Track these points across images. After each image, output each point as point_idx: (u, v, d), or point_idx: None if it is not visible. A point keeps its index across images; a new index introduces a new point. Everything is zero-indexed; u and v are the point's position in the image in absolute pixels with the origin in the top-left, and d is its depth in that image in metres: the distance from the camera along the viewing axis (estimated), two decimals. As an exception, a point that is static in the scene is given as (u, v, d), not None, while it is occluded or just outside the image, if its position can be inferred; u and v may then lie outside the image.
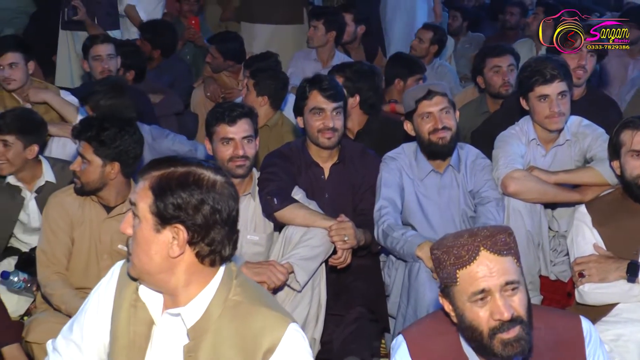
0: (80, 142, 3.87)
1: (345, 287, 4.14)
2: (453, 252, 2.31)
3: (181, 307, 2.27)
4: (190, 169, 2.23)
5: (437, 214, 4.20)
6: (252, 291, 2.37)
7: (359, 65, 5.33)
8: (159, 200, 2.19)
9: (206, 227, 2.21)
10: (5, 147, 4.48)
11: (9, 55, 5.52)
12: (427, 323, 2.66)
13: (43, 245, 4.01)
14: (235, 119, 3.98)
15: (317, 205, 4.11)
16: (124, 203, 3.96)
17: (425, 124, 4.09)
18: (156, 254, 2.22)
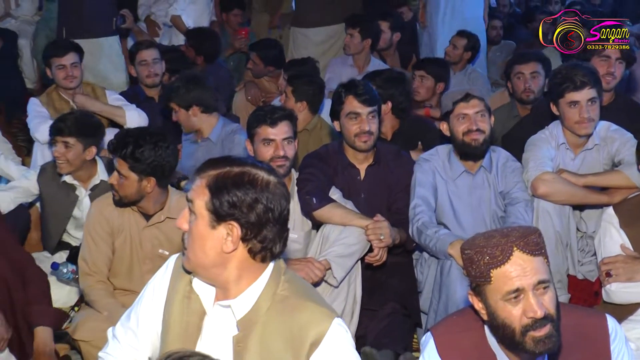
0: (116, 158, 3.88)
1: (379, 283, 4.13)
2: (487, 251, 2.29)
3: (231, 299, 2.28)
4: (245, 169, 2.24)
5: (468, 213, 4.18)
6: (299, 287, 2.38)
7: (389, 72, 5.33)
8: (215, 198, 2.21)
9: (259, 225, 2.22)
10: (66, 148, 4.53)
11: (71, 55, 5.58)
12: (454, 320, 2.65)
13: (84, 253, 4.03)
14: (276, 121, 3.98)
15: (354, 205, 4.10)
16: (162, 210, 3.99)
17: (461, 125, 4.08)
18: (211, 249, 2.24)
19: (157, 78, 5.97)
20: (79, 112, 4.75)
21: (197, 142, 5.13)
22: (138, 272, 4.01)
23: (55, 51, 5.62)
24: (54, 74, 5.61)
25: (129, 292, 4.01)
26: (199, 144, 5.11)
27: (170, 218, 3.94)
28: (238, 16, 8.48)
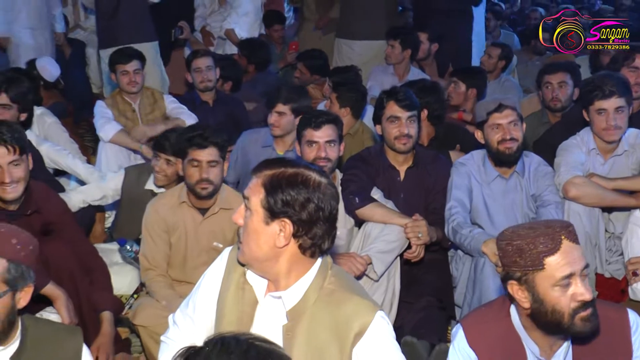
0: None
1: (417, 278, 4.13)
2: (540, 240, 2.29)
3: (282, 291, 2.30)
4: (299, 170, 2.27)
5: (501, 215, 4.15)
6: (345, 281, 2.39)
7: (423, 82, 5.34)
8: (270, 196, 2.23)
9: (310, 222, 2.24)
10: (167, 165, 4.58)
11: (134, 62, 5.65)
12: (482, 311, 2.67)
13: (145, 250, 4.08)
14: (320, 125, 4.00)
15: (393, 204, 4.11)
16: (215, 203, 4.02)
17: (495, 134, 4.06)
18: (264, 244, 2.26)
19: (210, 84, 5.99)
20: (179, 130, 4.69)
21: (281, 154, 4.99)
22: (192, 264, 4.05)
23: (120, 58, 5.71)
24: (118, 79, 5.70)
25: (183, 282, 4.05)
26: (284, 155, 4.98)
27: (224, 209, 3.99)
28: (279, 31, 8.52)
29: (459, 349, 2.51)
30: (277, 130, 4.88)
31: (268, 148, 4.99)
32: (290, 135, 4.92)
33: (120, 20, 6.69)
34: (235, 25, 8.07)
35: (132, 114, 5.73)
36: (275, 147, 4.99)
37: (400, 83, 6.03)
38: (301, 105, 4.91)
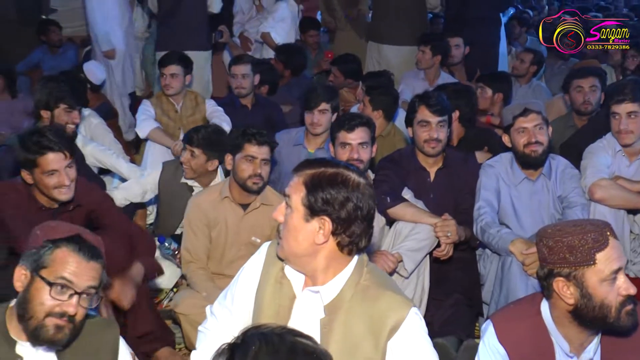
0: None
1: (445, 275, 4.13)
2: (590, 236, 2.30)
3: (320, 286, 2.32)
4: (339, 170, 2.28)
5: (528, 215, 4.13)
6: (380, 277, 2.40)
7: (457, 85, 5.37)
8: (310, 194, 2.24)
9: (348, 221, 2.25)
10: (191, 156, 4.64)
11: (172, 67, 5.74)
12: (512, 309, 2.66)
13: (186, 244, 4.12)
14: (353, 127, 4.01)
15: (424, 204, 4.10)
16: (255, 201, 4.06)
17: (521, 137, 4.05)
18: (304, 240, 2.27)
19: (243, 91, 6.00)
20: (212, 126, 4.81)
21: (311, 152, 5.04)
22: (229, 258, 4.10)
23: (161, 61, 5.86)
24: (159, 81, 5.79)
25: (220, 275, 4.09)
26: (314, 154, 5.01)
27: (265, 205, 4.04)
28: (314, 37, 8.52)
29: (489, 344, 2.51)
30: (320, 128, 4.92)
31: (299, 146, 5.04)
32: (324, 133, 4.97)
33: (177, 26, 6.82)
34: (271, 29, 8.10)
35: (174, 114, 5.81)
36: (307, 146, 5.02)
37: (431, 88, 6.03)
38: (337, 104, 5.00)
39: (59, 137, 3.61)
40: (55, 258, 2.30)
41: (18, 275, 2.33)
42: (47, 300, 2.28)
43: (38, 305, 2.28)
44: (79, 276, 2.29)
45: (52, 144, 3.55)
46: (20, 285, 2.32)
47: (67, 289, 2.28)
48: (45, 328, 2.28)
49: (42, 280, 2.29)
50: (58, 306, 2.28)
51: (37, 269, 2.30)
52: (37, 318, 2.28)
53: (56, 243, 2.32)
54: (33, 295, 2.30)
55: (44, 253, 2.31)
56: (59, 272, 2.29)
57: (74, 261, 2.30)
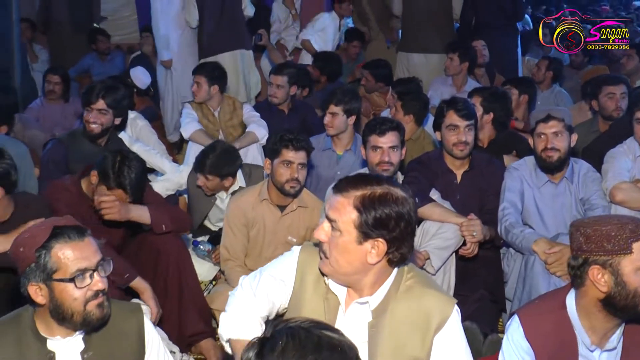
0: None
1: (471, 273, 4.11)
2: (628, 227, 2.31)
3: (367, 297, 2.28)
4: (388, 189, 2.18)
5: (551, 217, 4.10)
6: (420, 277, 2.37)
7: (494, 89, 5.35)
8: (364, 217, 2.14)
9: (401, 239, 2.19)
10: (207, 180, 4.72)
11: (197, 76, 5.86)
12: (537, 304, 2.64)
13: (225, 242, 4.15)
14: (384, 131, 4.02)
15: (450, 205, 4.09)
16: (293, 201, 4.09)
17: (540, 142, 4.03)
18: (355, 261, 2.20)
19: (276, 100, 6.02)
20: (219, 148, 4.81)
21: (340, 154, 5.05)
22: (267, 256, 4.05)
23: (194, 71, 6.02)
24: None
25: (257, 272, 4.12)
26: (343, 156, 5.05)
27: (301, 207, 4.08)
28: (357, 47, 8.51)
29: (514, 340, 2.50)
30: (331, 130, 4.93)
31: (328, 150, 5.05)
32: (345, 135, 4.98)
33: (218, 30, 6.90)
34: (310, 37, 8.13)
35: (212, 118, 5.88)
36: (335, 149, 5.03)
37: (458, 93, 6.03)
38: (352, 107, 4.94)
39: (136, 181, 3.68)
40: (57, 258, 2.25)
41: (34, 293, 2.26)
42: (77, 293, 2.25)
43: (73, 302, 2.26)
44: (86, 257, 2.27)
45: (125, 185, 3.66)
46: (42, 299, 2.27)
47: (86, 273, 2.26)
48: (91, 313, 2.28)
49: (61, 281, 2.25)
50: (89, 290, 2.27)
51: (48, 277, 2.25)
52: (79, 312, 2.27)
53: (46, 247, 2.25)
54: (62, 298, 2.26)
55: (45, 261, 2.24)
56: (69, 266, 2.25)
57: (72, 249, 2.26)
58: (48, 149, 4.87)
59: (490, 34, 7.53)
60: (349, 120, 4.93)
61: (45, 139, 5.78)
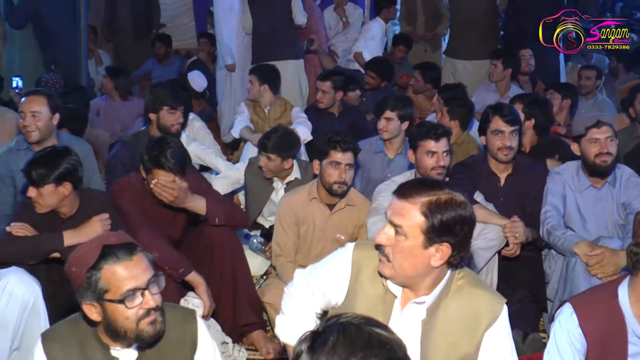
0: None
1: (513, 273, 4.07)
2: None
3: (424, 296, 2.27)
4: (450, 193, 2.17)
5: (592, 220, 4.03)
6: (471, 276, 2.36)
7: (535, 96, 5.27)
8: (430, 222, 2.13)
9: (464, 242, 2.19)
10: (268, 160, 4.72)
11: (250, 77, 6.06)
12: (589, 294, 2.65)
13: (277, 238, 4.16)
14: (439, 137, 3.98)
15: (494, 207, 4.05)
16: (341, 202, 4.08)
17: (592, 148, 3.94)
18: (419, 265, 2.19)
19: (322, 105, 6.08)
20: (281, 130, 4.86)
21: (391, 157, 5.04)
22: (316, 253, 4.11)
23: (250, 71, 6.21)
24: None
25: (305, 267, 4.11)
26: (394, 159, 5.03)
27: (349, 205, 4.08)
28: (402, 51, 8.51)
29: (566, 327, 2.47)
30: (386, 134, 4.92)
31: (380, 154, 5.03)
32: (397, 139, 4.97)
33: (269, 39, 7.00)
34: (363, 49, 8.14)
35: (263, 115, 6.01)
36: (386, 152, 5.02)
37: (501, 99, 5.97)
38: (406, 113, 4.93)
39: (175, 159, 3.69)
40: (108, 279, 2.17)
41: (89, 311, 2.22)
42: (128, 313, 2.18)
43: (125, 321, 2.19)
44: (135, 276, 2.18)
45: (166, 164, 3.68)
46: (96, 316, 2.21)
47: (136, 292, 2.18)
48: (144, 331, 2.21)
49: (112, 302, 2.17)
50: (140, 309, 2.19)
51: (100, 297, 2.18)
52: (132, 330, 2.20)
53: (96, 267, 2.17)
54: (115, 317, 2.19)
55: (96, 282, 2.17)
56: (120, 287, 2.17)
57: (122, 269, 2.17)
58: (115, 151, 4.95)
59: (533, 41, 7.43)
60: (402, 126, 4.92)
61: (108, 138, 5.90)
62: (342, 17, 8.54)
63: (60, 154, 3.53)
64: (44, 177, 3.43)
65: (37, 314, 2.90)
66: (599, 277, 3.56)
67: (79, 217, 3.56)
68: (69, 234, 3.42)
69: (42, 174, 3.43)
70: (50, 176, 3.43)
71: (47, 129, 4.26)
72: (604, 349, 2.46)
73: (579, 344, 2.46)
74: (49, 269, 3.43)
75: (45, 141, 4.23)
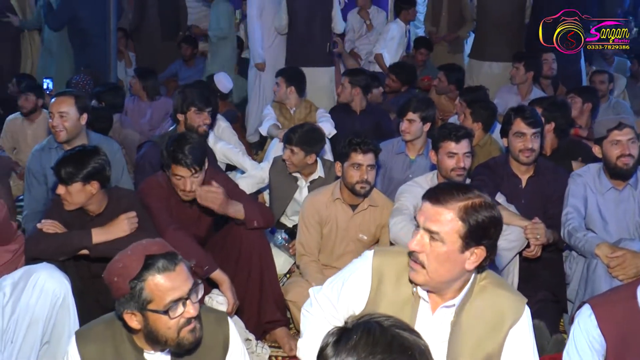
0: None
1: (534, 274, 4.02)
2: None
3: (452, 300, 2.26)
4: (480, 195, 2.16)
5: (614, 222, 3.96)
6: (493, 277, 2.34)
7: (554, 99, 5.20)
8: (468, 227, 2.11)
9: (495, 244, 2.19)
10: (291, 154, 4.69)
11: (277, 79, 6.07)
12: (608, 294, 2.60)
13: (300, 238, 4.15)
14: (459, 139, 3.95)
15: (515, 208, 4.01)
16: (363, 202, 4.06)
17: (614, 149, 3.88)
18: (455, 269, 2.17)
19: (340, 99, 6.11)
20: (307, 125, 4.85)
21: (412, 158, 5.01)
22: (339, 252, 4.12)
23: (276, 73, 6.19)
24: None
25: (329, 266, 4.12)
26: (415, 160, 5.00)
27: (372, 206, 4.05)
28: (423, 54, 8.46)
29: (585, 328, 2.43)
30: (408, 135, 4.89)
31: (401, 154, 5.00)
32: (419, 140, 4.93)
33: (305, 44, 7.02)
34: (383, 50, 8.11)
35: (289, 115, 6.02)
36: (408, 153, 4.98)
37: (523, 102, 5.91)
38: (428, 115, 4.90)
39: (192, 153, 3.70)
40: (151, 290, 2.15)
41: (129, 319, 2.20)
42: (170, 323, 2.18)
43: (167, 330, 2.19)
44: (178, 287, 2.17)
45: (183, 159, 3.68)
46: (137, 324, 2.21)
47: (178, 302, 2.17)
48: (184, 339, 2.21)
49: (155, 312, 2.17)
50: (182, 318, 2.19)
51: (143, 307, 2.17)
52: (172, 338, 2.20)
53: (139, 279, 2.16)
54: (157, 326, 2.19)
55: (139, 292, 2.16)
56: (163, 298, 2.16)
57: (165, 280, 2.16)
58: (144, 151, 4.95)
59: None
60: (424, 127, 4.89)
61: (137, 138, 5.92)
62: (365, 20, 8.52)
63: (88, 153, 3.54)
64: (72, 176, 3.46)
65: (66, 309, 2.91)
66: (620, 279, 3.50)
67: (107, 215, 3.57)
68: (97, 231, 3.43)
69: (70, 172, 3.46)
70: (78, 175, 3.46)
71: (74, 129, 4.29)
72: (624, 350, 2.42)
73: (598, 345, 2.42)
74: (78, 265, 3.45)
75: (73, 140, 4.26)
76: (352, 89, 6.00)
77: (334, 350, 1.59)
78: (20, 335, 2.81)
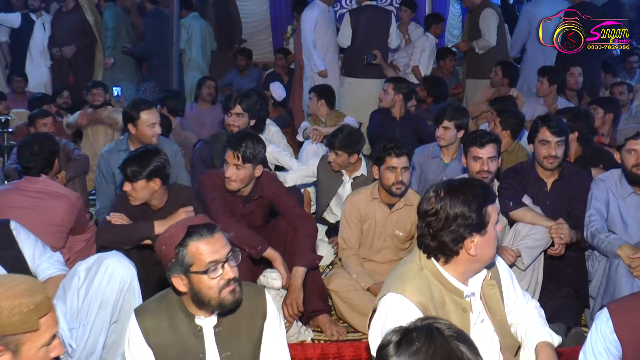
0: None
1: (557, 271, 3.96)
2: None
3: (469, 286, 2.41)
4: None
5: (634, 225, 3.87)
6: None
7: (577, 109, 5.08)
8: None
9: None
10: (336, 156, 4.74)
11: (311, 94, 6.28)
12: (627, 299, 2.51)
13: (342, 234, 4.16)
14: (484, 144, 3.93)
15: (540, 210, 3.96)
16: (399, 202, 4.06)
17: (630, 157, 3.80)
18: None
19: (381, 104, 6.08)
20: (346, 129, 4.87)
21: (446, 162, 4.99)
22: (377, 247, 4.14)
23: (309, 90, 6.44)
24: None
25: (368, 260, 4.15)
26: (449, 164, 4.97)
27: (407, 205, 4.05)
28: (452, 60, 8.38)
29: (602, 332, 2.36)
30: (443, 141, 4.88)
31: (436, 158, 4.99)
32: (453, 145, 4.91)
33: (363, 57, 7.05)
34: (418, 63, 8.08)
35: (322, 125, 6.09)
36: (442, 157, 4.96)
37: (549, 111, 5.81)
38: (462, 122, 4.89)
39: (245, 146, 3.77)
40: (193, 254, 2.25)
41: (177, 283, 2.30)
42: (211, 282, 2.26)
43: (209, 290, 2.27)
44: (216, 251, 2.26)
45: (233, 147, 3.76)
46: (184, 287, 2.30)
47: (217, 265, 2.25)
48: (226, 299, 2.28)
49: (197, 273, 2.25)
50: (222, 280, 2.26)
51: (187, 270, 2.26)
52: (214, 298, 2.28)
53: (183, 245, 2.26)
54: (200, 287, 2.27)
55: (183, 257, 2.26)
56: (203, 260, 2.25)
57: (204, 245, 2.25)
58: (197, 148, 5.08)
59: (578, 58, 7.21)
60: (458, 134, 4.86)
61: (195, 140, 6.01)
62: (404, 35, 8.47)
63: (151, 154, 3.63)
64: (137, 174, 3.54)
65: (132, 292, 2.97)
66: None
67: (168, 209, 3.64)
68: (159, 223, 3.51)
69: (135, 170, 3.54)
70: (142, 172, 3.54)
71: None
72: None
73: (615, 349, 2.35)
74: (142, 254, 3.52)
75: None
76: (395, 95, 5.98)
77: (396, 350, 1.57)
78: (92, 315, 2.88)
